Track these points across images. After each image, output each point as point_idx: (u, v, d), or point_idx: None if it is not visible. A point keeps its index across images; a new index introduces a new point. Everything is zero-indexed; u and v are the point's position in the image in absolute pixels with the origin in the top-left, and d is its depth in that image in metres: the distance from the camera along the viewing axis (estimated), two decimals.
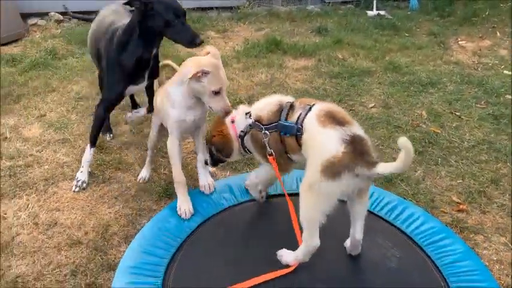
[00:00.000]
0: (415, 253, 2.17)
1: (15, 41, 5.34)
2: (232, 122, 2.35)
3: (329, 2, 7.10)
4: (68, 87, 4.29)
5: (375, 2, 6.89)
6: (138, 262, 2.06)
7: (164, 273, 2.00)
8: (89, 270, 2.45)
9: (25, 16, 5.92)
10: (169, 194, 3.02)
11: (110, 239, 2.66)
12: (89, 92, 4.21)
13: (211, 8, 6.67)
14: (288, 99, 2.20)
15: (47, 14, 6.15)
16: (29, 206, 2.88)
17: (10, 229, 2.70)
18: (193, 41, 2.58)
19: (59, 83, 4.35)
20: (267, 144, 2.13)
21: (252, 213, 2.44)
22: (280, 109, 2.13)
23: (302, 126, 2.00)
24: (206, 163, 2.61)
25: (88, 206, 2.90)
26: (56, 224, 2.77)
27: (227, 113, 2.31)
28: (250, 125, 2.23)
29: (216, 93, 2.28)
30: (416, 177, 3.19)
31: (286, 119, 2.07)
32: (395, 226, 2.33)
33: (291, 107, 2.10)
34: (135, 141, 3.57)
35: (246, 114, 2.28)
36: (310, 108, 2.02)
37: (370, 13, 6.80)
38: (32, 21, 6.02)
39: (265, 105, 2.22)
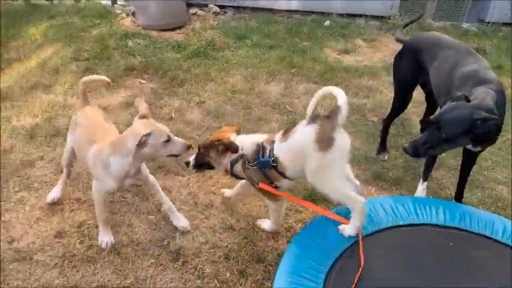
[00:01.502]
0: None
1: (179, 27, 5.84)
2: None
3: (488, 22, 6.57)
4: (225, 78, 4.59)
5: None
6: (298, 264, 2.14)
7: (324, 281, 2.06)
8: (240, 257, 2.63)
9: (187, 5, 6.45)
10: (314, 199, 3.09)
11: (259, 231, 2.82)
12: (243, 86, 4.46)
13: (360, 15, 6.61)
14: (260, 139, 2.47)
15: (206, 5, 6.63)
16: (189, 185, 3.17)
17: (174, 203, 2.98)
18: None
19: (216, 74, 4.68)
20: (252, 176, 2.47)
21: (407, 237, 2.39)
22: (258, 149, 2.43)
23: (275, 157, 2.34)
24: (187, 164, 2.65)
25: (240, 195, 3.09)
26: (212, 206, 3.01)
27: (188, 147, 2.45)
28: (241, 156, 2.47)
29: (167, 141, 2.36)
30: None
31: (263, 156, 2.40)
32: None
33: (263, 147, 2.42)
34: None
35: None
36: (273, 141, 2.39)
37: None
38: (192, 10, 6.54)
39: (249, 145, 2.48)
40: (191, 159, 2.63)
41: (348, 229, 2.33)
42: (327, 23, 6.28)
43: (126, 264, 2.54)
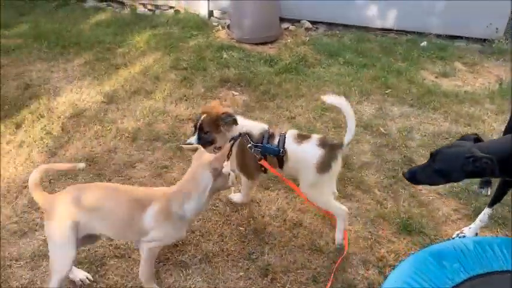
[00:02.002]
0: None
1: (272, 42, 5.93)
2: None
3: None
4: (315, 95, 4.55)
5: None
6: None
7: None
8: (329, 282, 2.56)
9: (280, 20, 6.52)
10: (409, 230, 2.94)
11: (348, 258, 2.73)
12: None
13: (460, 37, 6.26)
14: (264, 126, 2.80)
15: (298, 21, 6.67)
16: (278, 200, 3.16)
17: (263, 218, 3.01)
18: None
19: (307, 90, 4.66)
20: (254, 154, 2.70)
21: None
22: (263, 134, 2.73)
23: (284, 149, 2.65)
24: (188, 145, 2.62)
25: (329, 218, 3.02)
26: (300, 225, 2.97)
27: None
28: (240, 134, 2.70)
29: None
30: None
31: (268, 143, 2.69)
32: None
33: (271, 134, 2.73)
34: (375, 163, 3.58)
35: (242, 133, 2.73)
36: (283, 134, 2.71)
37: None
38: (284, 25, 6.61)
39: (254, 127, 2.77)
40: (192, 140, 2.68)
41: (338, 235, 2.81)
42: (424, 43, 6.02)
43: (217, 273, 2.58)
